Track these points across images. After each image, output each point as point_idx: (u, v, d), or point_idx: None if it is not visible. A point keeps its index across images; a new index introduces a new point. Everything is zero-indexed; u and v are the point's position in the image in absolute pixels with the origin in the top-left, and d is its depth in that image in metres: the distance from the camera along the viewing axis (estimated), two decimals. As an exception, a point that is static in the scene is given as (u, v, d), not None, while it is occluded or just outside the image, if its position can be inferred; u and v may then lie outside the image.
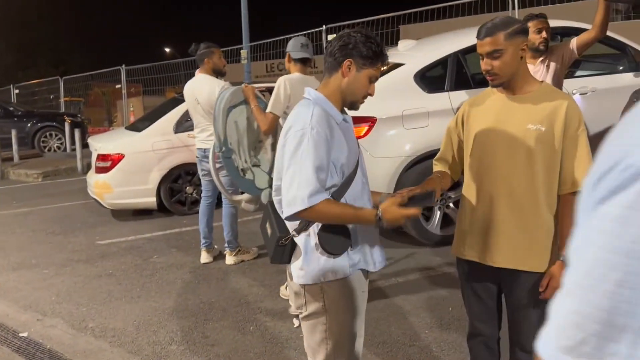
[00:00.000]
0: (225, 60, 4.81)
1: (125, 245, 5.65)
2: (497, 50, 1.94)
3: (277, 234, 1.92)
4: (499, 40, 1.93)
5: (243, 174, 3.88)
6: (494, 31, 1.94)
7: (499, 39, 1.93)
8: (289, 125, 1.85)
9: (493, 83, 2.01)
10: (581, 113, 1.99)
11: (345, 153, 1.88)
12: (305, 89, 1.98)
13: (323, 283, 1.90)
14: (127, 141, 6.57)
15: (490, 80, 2.00)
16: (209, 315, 3.85)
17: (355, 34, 1.88)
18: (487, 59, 1.97)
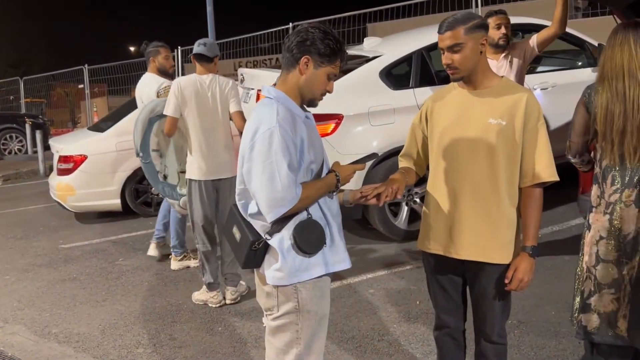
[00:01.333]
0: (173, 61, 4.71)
1: (90, 249, 5.53)
2: (457, 44, 1.96)
3: (250, 238, 1.88)
4: (459, 35, 1.95)
5: (164, 178, 4.19)
6: (454, 25, 1.96)
7: (459, 33, 1.95)
8: (255, 127, 1.80)
9: (453, 77, 2.03)
10: (540, 107, 2.03)
11: (312, 150, 1.87)
12: (263, 87, 1.95)
13: (297, 283, 1.88)
14: (90, 142, 6.42)
15: (450, 74, 2.02)
16: (176, 317, 3.79)
17: (314, 30, 1.84)
18: (447, 53, 1.99)
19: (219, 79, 3.84)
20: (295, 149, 1.79)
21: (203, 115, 3.77)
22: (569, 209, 5.12)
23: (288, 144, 1.77)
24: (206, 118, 3.78)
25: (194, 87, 3.77)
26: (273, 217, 1.80)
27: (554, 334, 3.14)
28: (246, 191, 1.90)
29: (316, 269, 1.89)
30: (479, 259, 2.05)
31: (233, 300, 3.92)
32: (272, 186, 1.75)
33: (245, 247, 1.89)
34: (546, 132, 2.03)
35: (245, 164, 1.83)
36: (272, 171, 1.75)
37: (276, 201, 1.76)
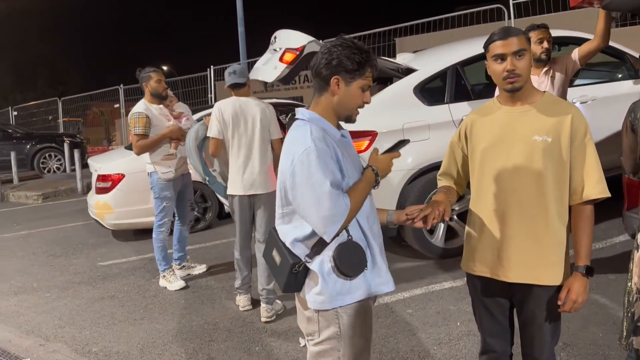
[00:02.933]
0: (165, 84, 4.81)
1: (127, 266, 5.60)
2: (522, 50, 1.92)
3: (290, 261, 1.86)
4: (523, 41, 1.93)
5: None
6: (517, 32, 1.94)
7: (522, 39, 1.93)
8: (292, 153, 1.79)
9: (515, 85, 1.95)
10: (587, 122, 1.97)
11: (349, 168, 1.85)
12: (297, 110, 1.94)
13: (338, 308, 1.85)
14: (127, 161, 6.53)
15: (511, 82, 1.94)
16: (214, 336, 3.79)
17: (336, 48, 1.81)
18: (511, 59, 1.92)
19: (256, 102, 4.11)
20: (335, 164, 1.78)
21: (240, 136, 4.04)
22: (612, 225, 4.96)
23: (327, 160, 1.75)
24: (243, 138, 4.03)
25: (233, 110, 4.06)
26: (331, 235, 1.78)
27: (603, 357, 3.02)
28: (285, 215, 1.89)
29: (358, 292, 1.86)
30: (527, 281, 1.99)
31: (268, 318, 3.91)
32: (320, 206, 1.74)
33: (285, 271, 1.87)
34: (594, 147, 1.97)
35: (290, 191, 1.81)
36: (316, 192, 1.73)
37: (328, 219, 1.74)
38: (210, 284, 4.84)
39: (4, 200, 11.19)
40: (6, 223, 8.54)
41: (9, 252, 6.57)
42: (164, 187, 4.72)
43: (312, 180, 1.74)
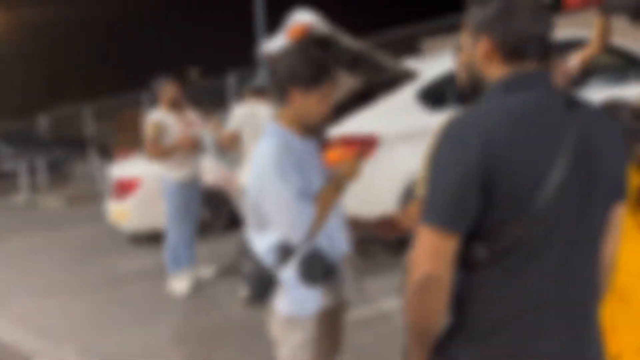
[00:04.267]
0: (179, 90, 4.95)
1: (141, 271, 5.74)
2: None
3: (258, 268, 1.92)
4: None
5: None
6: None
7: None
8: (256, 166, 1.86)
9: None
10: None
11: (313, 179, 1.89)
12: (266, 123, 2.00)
13: (305, 314, 1.90)
14: (145, 166, 6.68)
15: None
16: (217, 338, 3.87)
17: (292, 58, 1.85)
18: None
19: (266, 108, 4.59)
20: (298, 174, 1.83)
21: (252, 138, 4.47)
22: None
23: (289, 171, 1.80)
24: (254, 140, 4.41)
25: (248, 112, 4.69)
26: (297, 242, 1.83)
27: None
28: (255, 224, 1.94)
29: (323, 299, 1.90)
30: None
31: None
32: (286, 214, 1.80)
33: (254, 279, 1.93)
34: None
35: (258, 201, 1.87)
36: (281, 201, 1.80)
37: (294, 226, 1.80)
38: (217, 287, 4.93)
39: (32, 204, 11.55)
40: (31, 227, 8.82)
41: (30, 256, 6.81)
42: (176, 192, 4.84)
43: (277, 190, 1.80)
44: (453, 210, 1.17)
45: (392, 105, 4.72)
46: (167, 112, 4.87)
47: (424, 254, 1.19)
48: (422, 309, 1.21)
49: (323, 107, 1.89)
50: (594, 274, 1.28)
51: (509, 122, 1.17)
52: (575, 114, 1.22)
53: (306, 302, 1.89)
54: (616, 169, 1.27)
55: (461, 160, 1.16)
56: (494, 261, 1.19)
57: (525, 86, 1.23)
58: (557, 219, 1.19)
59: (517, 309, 1.20)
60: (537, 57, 1.25)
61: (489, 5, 1.25)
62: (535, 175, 1.16)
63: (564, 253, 1.21)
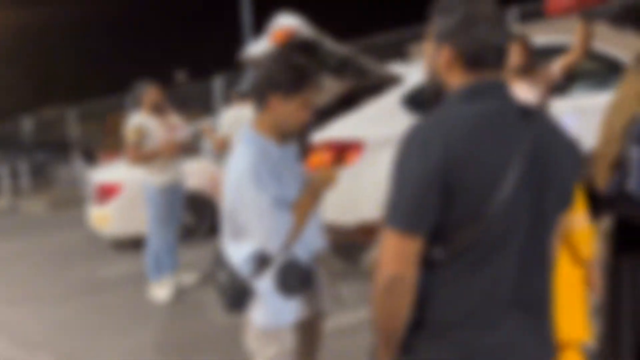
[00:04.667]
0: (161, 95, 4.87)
1: (122, 277, 5.65)
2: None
3: (234, 279, 1.87)
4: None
5: None
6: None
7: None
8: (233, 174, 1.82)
9: None
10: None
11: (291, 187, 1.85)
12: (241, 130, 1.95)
13: (280, 327, 1.85)
14: (126, 171, 6.60)
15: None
16: (199, 347, 3.80)
17: (273, 64, 1.82)
18: None
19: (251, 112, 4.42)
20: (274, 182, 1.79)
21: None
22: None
23: (265, 179, 1.76)
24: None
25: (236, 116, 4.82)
26: (274, 250, 1.79)
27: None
28: (232, 233, 1.89)
29: (299, 311, 1.86)
30: None
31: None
32: (263, 223, 1.76)
33: (230, 290, 1.88)
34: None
35: (234, 209, 1.83)
36: (258, 209, 1.75)
37: (270, 235, 1.76)
38: (199, 295, 4.86)
39: (13, 209, 11.38)
40: (11, 231, 8.68)
41: (9, 262, 6.69)
42: (156, 197, 4.77)
43: (253, 198, 1.75)
44: (415, 214, 1.23)
45: (377, 110, 4.69)
46: (149, 116, 4.80)
47: (389, 256, 1.24)
48: (388, 309, 1.26)
49: (303, 114, 1.86)
50: (547, 276, 1.34)
51: (468, 130, 1.22)
52: (530, 124, 1.27)
53: (282, 313, 1.85)
54: (566, 180, 1.33)
55: (422, 165, 1.21)
56: (451, 261, 1.25)
57: (482, 95, 1.28)
58: (510, 222, 1.24)
59: (472, 306, 1.25)
60: (495, 66, 1.30)
61: (451, 15, 1.29)
62: (491, 180, 1.21)
63: (517, 254, 1.27)
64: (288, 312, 1.86)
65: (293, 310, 1.87)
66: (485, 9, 1.28)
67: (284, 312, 1.85)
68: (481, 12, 1.27)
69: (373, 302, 1.29)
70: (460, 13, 1.28)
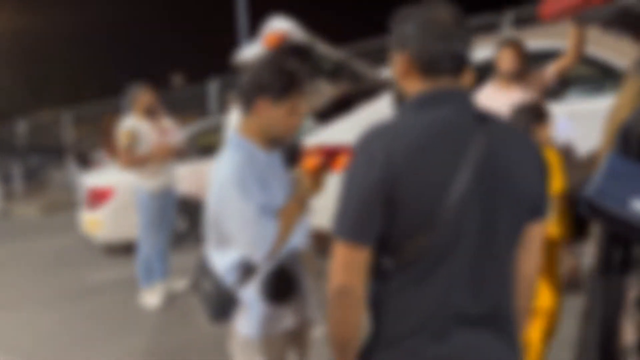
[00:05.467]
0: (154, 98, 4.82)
1: (113, 283, 5.59)
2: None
3: (219, 288, 1.83)
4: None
5: None
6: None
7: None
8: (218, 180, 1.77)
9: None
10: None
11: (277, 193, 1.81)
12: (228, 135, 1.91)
13: (266, 336, 1.81)
14: (118, 175, 6.55)
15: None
16: (187, 356, 3.75)
17: (262, 68, 1.78)
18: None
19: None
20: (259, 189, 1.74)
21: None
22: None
23: (250, 186, 1.72)
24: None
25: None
26: (259, 259, 1.75)
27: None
28: (216, 241, 1.85)
29: (285, 320, 1.82)
30: None
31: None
32: (247, 231, 1.71)
33: (214, 299, 1.83)
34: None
35: (218, 217, 1.78)
36: (242, 217, 1.71)
37: (255, 243, 1.71)
38: (188, 302, 4.80)
39: (6, 212, 11.29)
40: (3, 236, 8.61)
41: (1, 267, 6.61)
42: (147, 202, 4.72)
43: (238, 206, 1.71)
44: (360, 224, 1.22)
45: (370, 114, 4.66)
46: (141, 119, 4.75)
47: (337, 267, 1.24)
48: (338, 319, 1.26)
49: (292, 120, 1.81)
50: (504, 287, 1.30)
51: (412, 140, 1.21)
52: (484, 131, 1.24)
53: (268, 322, 1.81)
54: (528, 185, 1.28)
55: (365, 175, 1.21)
56: (401, 271, 1.24)
57: (436, 103, 1.26)
58: (459, 231, 1.22)
59: (422, 316, 1.24)
60: (450, 73, 1.28)
61: (406, 23, 1.29)
62: (437, 190, 1.19)
63: (468, 264, 1.24)
64: (274, 321, 1.81)
65: (280, 319, 1.82)
66: (442, 16, 1.26)
67: (270, 321, 1.81)
68: (437, 20, 1.26)
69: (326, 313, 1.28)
70: (415, 21, 1.27)
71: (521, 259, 1.35)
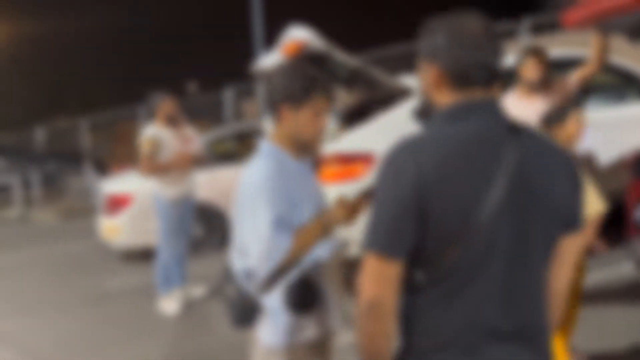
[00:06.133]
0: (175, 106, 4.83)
1: (130, 289, 5.62)
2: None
3: (241, 294, 1.82)
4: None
5: None
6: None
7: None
8: (245, 184, 1.78)
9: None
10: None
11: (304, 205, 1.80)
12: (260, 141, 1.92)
13: (289, 346, 1.80)
14: (137, 182, 6.59)
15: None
16: (204, 363, 3.75)
17: (279, 76, 1.79)
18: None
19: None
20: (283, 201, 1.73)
21: None
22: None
23: (274, 197, 1.71)
24: None
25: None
26: (264, 272, 1.73)
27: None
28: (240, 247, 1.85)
29: (308, 331, 1.80)
30: None
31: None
32: (259, 241, 1.70)
33: (237, 304, 1.83)
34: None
35: (239, 222, 1.79)
36: (258, 227, 1.71)
37: (264, 255, 1.70)
38: (207, 308, 4.80)
39: (25, 218, 11.43)
40: (23, 241, 8.70)
41: (19, 272, 6.68)
42: (167, 209, 4.74)
43: (256, 214, 1.71)
44: (392, 238, 1.21)
45: (387, 122, 4.65)
46: (163, 127, 4.78)
47: (368, 280, 1.23)
48: (369, 333, 1.24)
49: (317, 124, 1.81)
50: (537, 302, 1.28)
51: (446, 151, 1.20)
52: (516, 142, 1.23)
53: (291, 332, 1.79)
54: (561, 198, 1.26)
55: (397, 189, 1.20)
56: (433, 285, 1.23)
57: (468, 114, 1.25)
58: (491, 245, 1.20)
59: (453, 331, 1.22)
60: (482, 84, 1.27)
61: (437, 34, 1.28)
62: (469, 203, 1.18)
63: (500, 278, 1.22)
64: (297, 331, 1.80)
65: (303, 329, 1.81)
66: (473, 26, 1.25)
67: (293, 331, 1.79)
68: (469, 31, 1.25)
69: (355, 326, 1.27)
70: (446, 32, 1.26)
71: (553, 272, 1.33)
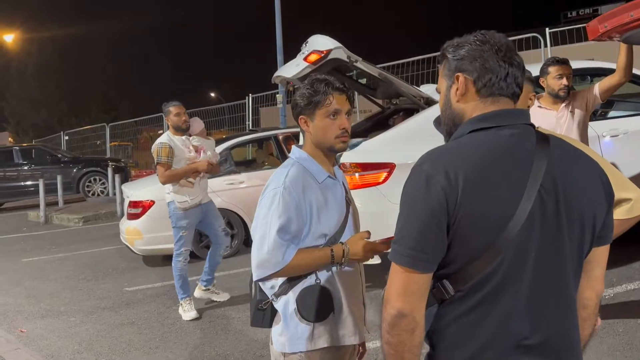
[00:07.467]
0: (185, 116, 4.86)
1: (151, 292, 5.69)
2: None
3: (257, 296, 1.86)
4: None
5: None
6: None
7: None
8: (266, 185, 1.83)
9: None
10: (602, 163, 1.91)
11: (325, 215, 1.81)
12: (292, 148, 1.95)
13: (300, 353, 1.81)
14: (158, 188, 6.66)
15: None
16: (224, 368, 3.78)
17: (296, 93, 1.90)
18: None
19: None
20: (300, 213, 1.76)
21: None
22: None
23: (290, 206, 1.74)
24: None
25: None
26: (257, 277, 1.78)
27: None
28: None
29: (321, 339, 1.81)
30: None
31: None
32: (261, 246, 1.74)
33: (253, 305, 1.89)
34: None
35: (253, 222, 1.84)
36: (264, 231, 1.75)
37: (261, 262, 1.74)
38: (228, 314, 4.84)
39: (48, 222, 11.61)
40: (46, 245, 8.85)
41: (42, 275, 6.79)
42: (180, 217, 4.79)
43: (266, 220, 1.75)
44: (420, 249, 1.19)
45: (409, 131, 4.65)
46: (175, 135, 4.84)
47: (395, 292, 1.21)
48: (396, 344, 1.22)
49: (335, 123, 1.84)
50: (567, 314, 1.27)
51: (476, 161, 1.19)
52: (546, 153, 1.22)
53: (304, 339, 1.80)
54: (592, 209, 1.25)
55: (426, 199, 1.18)
56: (462, 297, 1.22)
57: (497, 124, 1.25)
58: (522, 256, 1.19)
59: (483, 343, 1.21)
60: (509, 96, 1.28)
61: (463, 48, 1.30)
62: (500, 214, 1.17)
63: (530, 291, 1.21)
64: (310, 339, 1.80)
65: (316, 337, 1.80)
66: (500, 40, 1.28)
67: (306, 339, 1.80)
68: (496, 44, 1.27)
69: (382, 337, 1.25)
70: (473, 45, 1.28)
71: (583, 283, 1.31)
